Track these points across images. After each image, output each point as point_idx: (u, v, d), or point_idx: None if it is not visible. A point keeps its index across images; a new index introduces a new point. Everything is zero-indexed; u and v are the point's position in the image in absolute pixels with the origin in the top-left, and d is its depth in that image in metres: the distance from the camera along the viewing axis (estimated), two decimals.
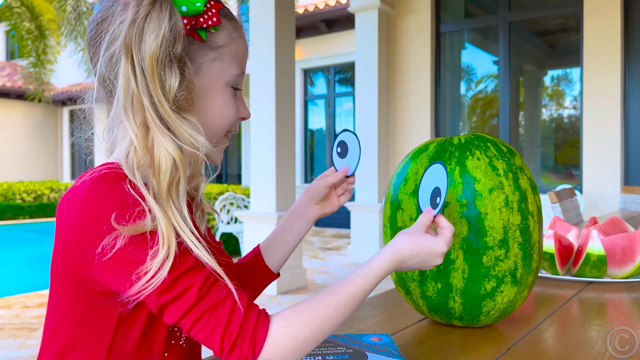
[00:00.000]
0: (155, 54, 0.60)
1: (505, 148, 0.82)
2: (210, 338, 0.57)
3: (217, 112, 0.70)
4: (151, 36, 0.60)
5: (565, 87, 5.94)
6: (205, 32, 0.66)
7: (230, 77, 0.70)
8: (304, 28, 8.76)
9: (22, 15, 10.05)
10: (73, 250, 0.60)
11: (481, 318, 0.80)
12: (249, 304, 0.59)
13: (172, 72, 0.61)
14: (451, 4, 5.80)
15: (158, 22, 0.60)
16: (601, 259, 1.14)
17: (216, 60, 0.68)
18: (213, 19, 0.65)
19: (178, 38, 0.62)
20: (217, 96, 0.69)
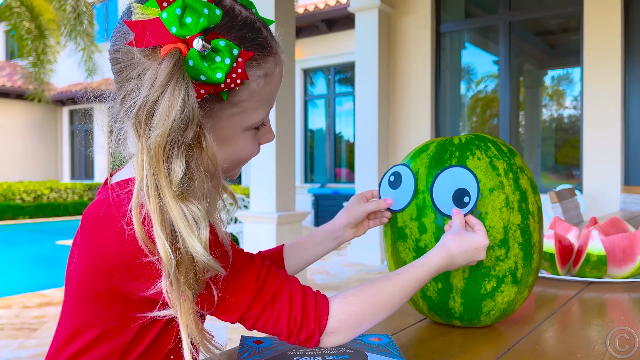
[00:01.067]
0: (161, 142, 0.54)
1: (505, 148, 0.82)
2: (277, 326, 0.60)
3: (235, 155, 0.67)
4: (158, 125, 0.54)
5: (565, 87, 5.94)
6: (227, 93, 0.60)
7: (251, 124, 0.66)
8: (304, 28, 8.76)
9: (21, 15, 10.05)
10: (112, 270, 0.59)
11: (481, 318, 0.80)
12: (302, 286, 0.63)
13: (178, 162, 0.56)
14: (451, 3, 5.80)
15: (168, 109, 0.54)
16: (601, 259, 1.14)
17: (236, 115, 0.64)
18: (237, 80, 0.58)
19: (190, 124, 0.56)
20: (235, 142, 0.66)
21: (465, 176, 0.76)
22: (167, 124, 0.54)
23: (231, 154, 0.67)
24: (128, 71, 0.59)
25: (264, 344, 0.73)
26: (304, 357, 0.68)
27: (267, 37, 0.64)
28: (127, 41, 0.58)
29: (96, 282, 0.62)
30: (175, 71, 0.54)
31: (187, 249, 0.55)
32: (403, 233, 0.81)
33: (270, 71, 0.64)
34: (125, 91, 0.60)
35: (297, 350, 0.71)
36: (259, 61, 0.62)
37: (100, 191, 0.65)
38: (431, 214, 0.78)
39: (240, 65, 0.58)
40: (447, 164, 0.79)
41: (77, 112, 13.84)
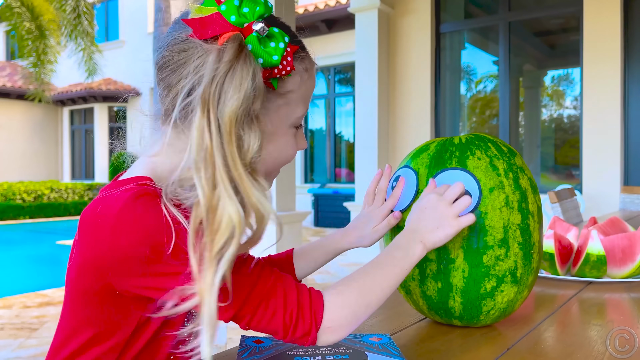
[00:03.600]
0: (234, 113, 0.56)
1: (505, 148, 0.82)
2: (273, 324, 0.59)
3: (277, 154, 0.69)
4: (233, 96, 0.56)
5: (565, 87, 5.94)
6: (277, 80, 0.64)
7: (294, 119, 0.69)
8: (304, 28, 8.75)
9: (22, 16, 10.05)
10: (106, 266, 0.60)
11: (481, 318, 0.80)
12: (296, 283, 0.62)
13: (252, 131, 0.58)
14: (451, 4, 5.80)
15: (240, 79, 0.56)
16: (601, 259, 1.14)
17: (282, 107, 0.67)
18: (287, 68, 0.62)
19: (258, 94, 0.58)
20: (279, 139, 0.68)
21: (464, 177, 0.77)
22: (240, 94, 0.56)
23: (274, 152, 0.68)
24: (183, 68, 0.61)
25: (264, 344, 0.73)
26: (304, 356, 0.69)
27: (301, 41, 0.70)
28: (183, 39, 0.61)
29: (91, 279, 0.63)
30: (242, 48, 0.58)
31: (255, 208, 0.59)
32: None
33: (310, 67, 0.69)
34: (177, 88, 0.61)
35: (297, 350, 0.71)
36: (301, 55, 0.68)
37: (102, 190, 0.66)
38: None
39: (289, 54, 0.62)
40: (447, 164, 0.79)
41: (78, 112, 13.84)
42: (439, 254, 0.78)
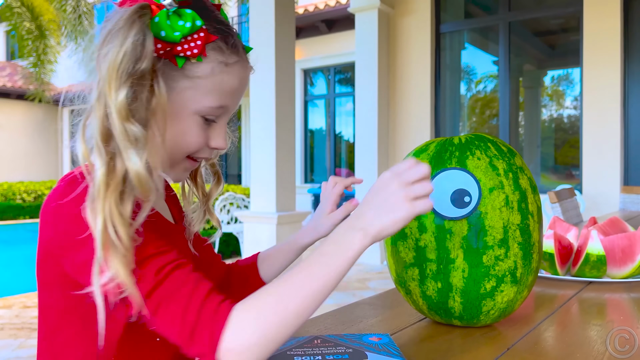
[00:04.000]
0: (113, 67, 0.60)
1: (505, 148, 0.82)
2: (171, 327, 0.56)
3: (176, 137, 0.69)
4: (113, 49, 0.60)
5: (565, 87, 5.94)
6: (184, 60, 0.66)
7: (201, 108, 0.69)
8: (304, 28, 8.76)
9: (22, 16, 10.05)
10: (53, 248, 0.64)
11: (481, 318, 0.80)
12: (211, 292, 0.58)
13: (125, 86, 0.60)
14: (451, 4, 5.80)
15: (124, 37, 0.60)
16: (601, 259, 1.14)
17: (188, 90, 0.68)
18: (194, 50, 0.65)
19: (141, 59, 0.61)
20: (180, 122, 0.69)
21: (463, 177, 0.77)
22: (121, 51, 0.60)
23: (175, 136, 0.69)
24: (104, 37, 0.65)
25: None
26: (304, 356, 0.69)
27: (236, 42, 0.70)
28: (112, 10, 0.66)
29: (48, 267, 0.66)
30: (136, 14, 0.62)
31: (123, 163, 0.59)
32: (403, 232, 0.81)
33: (231, 63, 0.69)
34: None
35: (297, 350, 0.71)
36: (222, 49, 0.68)
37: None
38: (431, 213, 0.78)
39: (200, 39, 0.65)
40: (447, 164, 0.79)
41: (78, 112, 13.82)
42: (438, 254, 0.78)
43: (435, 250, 0.78)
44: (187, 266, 0.60)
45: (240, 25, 11.48)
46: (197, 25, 0.65)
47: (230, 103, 0.72)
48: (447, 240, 0.77)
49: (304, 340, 0.74)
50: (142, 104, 0.62)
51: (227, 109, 0.72)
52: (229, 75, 0.69)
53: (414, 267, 0.80)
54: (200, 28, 0.65)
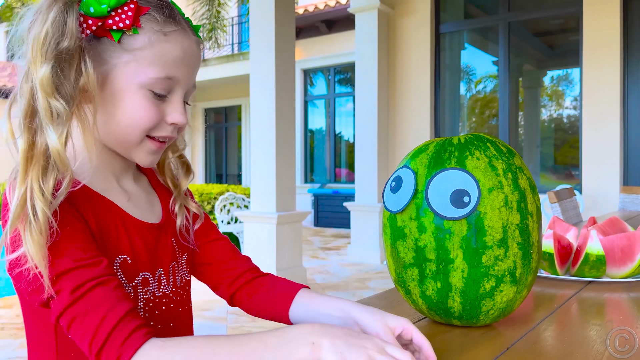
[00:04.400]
0: (37, 44, 0.62)
1: (504, 148, 0.82)
2: (82, 343, 0.57)
3: (126, 115, 0.70)
4: (36, 27, 0.63)
5: (564, 87, 5.95)
6: (121, 34, 0.67)
7: (146, 80, 0.69)
8: (304, 28, 8.76)
9: None
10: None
11: (480, 317, 0.81)
12: (126, 316, 0.58)
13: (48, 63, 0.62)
14: (451, 4, 5.80)
15: (46, 15, 0.63)
16: (600, 258, 1.14)
17: (130, 63, 0.68)
18: (126, 21, 0.66)
19: (66, 34, 0.63)
20: (128, 98, 0.69)
21: (462, 177, 0.77)
22: (43, 30, 0.62)
23: (126, 113, 0.69)
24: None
25: None
26: None
27: (173, 13, 0.71)
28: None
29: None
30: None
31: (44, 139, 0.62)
32: (402, 233, 0.81)
33: (169, 32, 0.70)
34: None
35: None
36: (157, 20, 0.69)
37: None
38: (430, 213, 0.78)
39: (130, 10, 0.66)
40: (446, 164, 0.79)
41: None
42: (438, 254, 0.78)
43: (434, 250, 0.78)
44: (109, 283, 0.60)
45: (240, 26, 11.47)
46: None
47: (178, 74, 0.71)
48: (447, 240, 0.77)
49: None
50: (69, 82, 0.64)
51: (176, 80, 0.71)
52: (169, 43, 0.70)
53: (414, 267, 0.81)
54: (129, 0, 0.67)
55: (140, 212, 0.78)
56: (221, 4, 10.65)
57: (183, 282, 0.84)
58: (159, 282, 0.78)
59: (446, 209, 0.76)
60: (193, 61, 0.74)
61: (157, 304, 0.78)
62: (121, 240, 0.72)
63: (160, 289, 0.78)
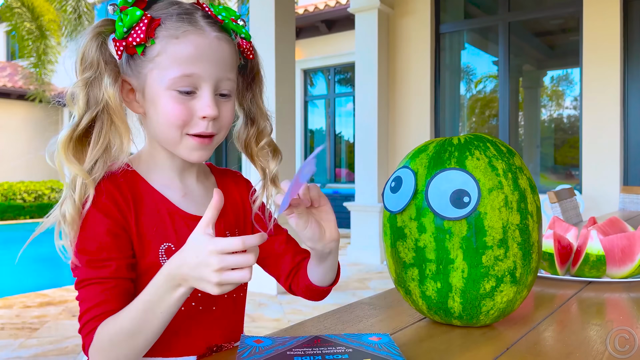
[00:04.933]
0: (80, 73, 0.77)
1: (504, 148, 0.82)
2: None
3: (160, 117, 0.78)
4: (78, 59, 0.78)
5: (564, 87, 5.95)
6: (143, 47, 0.76)
7: (168, 82, 0.76)
8: (304, 28, 8.75)
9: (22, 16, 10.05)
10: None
11: (480, 317, 0.81)
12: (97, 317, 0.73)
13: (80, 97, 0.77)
14: (451, 4, 5.80)
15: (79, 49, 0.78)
16: (600, 258, 1.14)
17: (154, 70, 0.77)
18: (141, 35, 0.75)
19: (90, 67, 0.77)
20: (159, 101, 0.77)
21: (462, 177, 0.77)
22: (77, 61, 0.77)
23: (160, 115, 0.78)
24: None
25: (264, 343, 0.74)
26: (304, 356, 0.69)
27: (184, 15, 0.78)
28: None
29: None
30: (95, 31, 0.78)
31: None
32: (402, 233, 0.81)
33: (180, 34, 0.76)
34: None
35: (297, 350, 0.71)
36: (169, 26, 0.76)
37: None
38: (430, 213, 0.78)
39: (144, 24, 0.75)
40: (446, 164, 0.79)
41: None
42: (438, 255, 0.78)
43: (434, 250, 0.78)
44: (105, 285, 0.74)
45: None
46: (137, 15, 0.75)
47: (197, 70, 0.76)
48: (447, 240, 0.77)
49: (303, 340, 0.74)
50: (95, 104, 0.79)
51: (196, 77, 0.76)
52: (181, 44, 0.76)
53: (414, 267, 0.81)
54: (142, 16, 0.75)
55: (195, 206, 0.85)
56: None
57: None
58: None
59: (446, 209, 0.76)
60: (212, 55, 0.77)
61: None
62: (167, 229, 0.81)
63: None
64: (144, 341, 0.70)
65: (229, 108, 0.82)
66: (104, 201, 0.76)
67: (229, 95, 0.81)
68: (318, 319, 0.89)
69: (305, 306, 3.79)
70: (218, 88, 0.79)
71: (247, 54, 0.88)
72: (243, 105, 0.92)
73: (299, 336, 0.76)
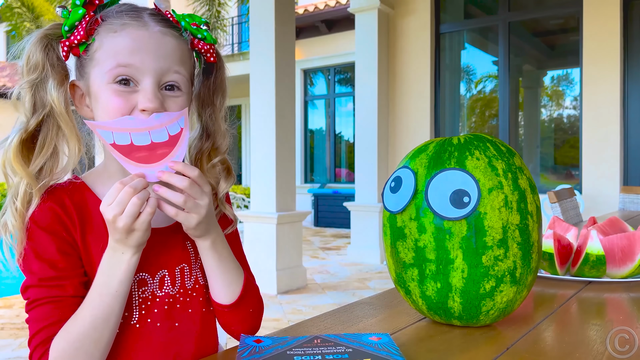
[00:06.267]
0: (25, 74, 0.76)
1: (504, 148, 0.82)
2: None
3: (101, 110, 0.76)
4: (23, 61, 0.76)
5: (564, 87, 5.95)
6: (85, 46, 0.76)
7: (106, 76, 0.74)
8: (304, 28, 8.75)
9: (22, 16, 10.06)
10: None
11: (480, 317, 0.81)
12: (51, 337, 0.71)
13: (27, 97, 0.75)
14: (451, 4, 5.80)
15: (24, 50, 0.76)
16: (600, 258, 1.14)
17: (95, 67, 0.76)
18: (81, 33, 0.74)
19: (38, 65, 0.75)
20: (100, 97, 0.75)
21: (462, 177, 0.77)
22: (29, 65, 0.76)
23: (102, 109, 0.76)
24: None
25: (264, 343, 0.74)
26: (304, 356, 0.69)
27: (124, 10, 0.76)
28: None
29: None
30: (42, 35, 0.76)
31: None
32: (402, 233, 0.81)
33: (118, 28, 0.75)
34: None
35: (297, 350, 0.71)
36: (108, 22, 0.76)
37: None
38: (430, 213, 0.78)
39: (84, 22, 0.74)
40: (446, 165, 0.79)
41: None
42: (438, 255, 0.78)
43: (434, 250, 0.78)
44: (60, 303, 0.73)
45: (240, 25, 11.47)
46: (79, 14, 0.74)
47: (134, 61, 0.73)
48: (447, 240, 0.77)
49: (303, 340, 0.74)
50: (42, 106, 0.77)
51: (134, 67, 0.73)
52: (118, 37, 0.74)
53: (414, 267, 0.81)
54: (84, 15, 0.74)
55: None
56: (221, 4, 10.66)
57: (198, 284, 0.84)
58: (162, 283, 0.80)
59: (446, 209, 0.76)
60: (153, 47, 0.74)
61: (157, 303, 0.80)
62: None
63: (163, 289, 0.80)
64: (108, 332, 0.71)
65: (177, 103, 0.76)
66: (49, 221, 0.74)
67: (178, 89, 0.76)
68: (318, 319, 0.89)
69: (305, 306, 3.79)
70: (161, 81, 0.75)
71: (208, 56, 0.83)
72: (202, 117, 0.87)
73: (299, 336, 0.76)
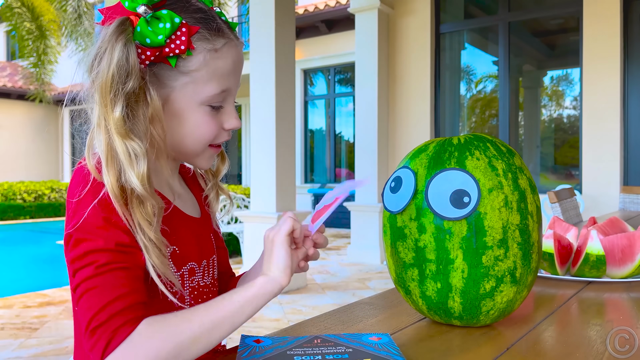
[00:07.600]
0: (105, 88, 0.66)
1: (504, 148, 0.82)
2: (84, 316, 0.60)
3: (190, 132, 0.74)
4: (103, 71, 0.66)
5: (564, 87, 5.95)
6: (176, 59, 0.70)
7: (204, 98, 0.72)
8: (304, 28, 8.76)
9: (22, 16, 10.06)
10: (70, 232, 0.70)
11: (480, 318, 0.81)
12: (133, 307, 0.61)
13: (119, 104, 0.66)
14: (451, 4, 5.80)
15: (110, 58, 0.66)
16: (600, 258, 1.14)
17: (188, 84, 0.71)
18: (181, 47, 0.68)
19: (130, 74, 0.66)
20: (190, 116, 0.73)
21: (462, 177, 0.77)
22: (109, 73, 0.65)
23: (189, 130, 0.74)
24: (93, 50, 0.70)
25: (264, 343, 0.74)
26: (304, 356, 0.69)
27: (220, 24, 0.73)
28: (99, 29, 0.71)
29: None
30: (119, 31, 0.66)
31: (127, 179, 0.65)
32: (402, 233, 0.81)
33: (219, 47, 0.72)
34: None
35: (297, 350, 0.71)
36: (207, 37, 0.71)
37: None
38: (430, 214, 0.78)
39: (183, 34, 0.68)
40: (446, 165, 0.79)
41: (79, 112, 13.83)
42: (438, 255, 0.78)
43: (434, 250, 0.78)
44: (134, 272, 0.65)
45: (240, 26, 11.47)
46: (177, 23, 0.68)
47: (231, 84, 0.75)
48: (447, 240, 0.77)
49: (303, 340, 0.74)
50: (139, 119, 0.68)
51: (229, 91, 0.75)
52: (221, 59, 0.72)
53: (414, 267, 0.81)
54: (180, 24, 0.68)
55: (186, 207, 0.83)
56: (221, 4, 10.65)
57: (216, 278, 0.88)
58: (204, 272, 0.83)
59: (446, 209, 0.76)
60: (241, 66, 0.77)
61: (201, 292, 0.82)
62: (170, 233, 0.75)
63: (204, 279, 0.83)
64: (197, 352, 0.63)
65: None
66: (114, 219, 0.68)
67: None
68: (318, 319, 0.89)
69: (305, 306, 3.79)
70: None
71: None
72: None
73: (299, 336, 0.76)
